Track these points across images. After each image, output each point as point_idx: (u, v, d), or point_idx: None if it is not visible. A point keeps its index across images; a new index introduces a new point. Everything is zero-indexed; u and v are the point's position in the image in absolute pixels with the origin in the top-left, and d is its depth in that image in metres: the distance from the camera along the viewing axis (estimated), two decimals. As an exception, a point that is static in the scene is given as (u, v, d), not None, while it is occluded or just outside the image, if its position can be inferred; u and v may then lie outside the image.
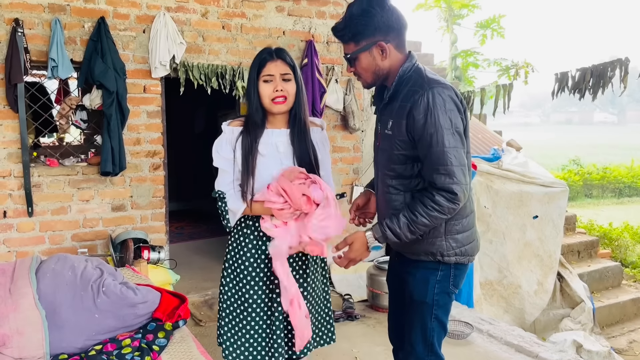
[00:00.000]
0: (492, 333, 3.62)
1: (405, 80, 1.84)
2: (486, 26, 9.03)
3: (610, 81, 2.76)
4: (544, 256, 4.99)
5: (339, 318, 3.83)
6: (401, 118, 1.80)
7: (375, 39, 1.81)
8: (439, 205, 1.74)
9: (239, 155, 2.03)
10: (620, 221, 8.82)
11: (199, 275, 4.65)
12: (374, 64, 1.85)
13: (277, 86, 1.99)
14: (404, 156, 1.84)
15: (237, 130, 2.06)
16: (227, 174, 2.06)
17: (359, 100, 4.73)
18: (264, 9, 4.30)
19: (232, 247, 2.15)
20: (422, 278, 1.91)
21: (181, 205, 7.54)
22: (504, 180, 4.82)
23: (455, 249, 1.88)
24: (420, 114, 1.73)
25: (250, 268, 2.09)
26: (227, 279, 2.15)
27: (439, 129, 1.72)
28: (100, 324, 2.14)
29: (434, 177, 1.75)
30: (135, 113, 3.90)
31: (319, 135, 2.18)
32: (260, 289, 2.10)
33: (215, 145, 2.08)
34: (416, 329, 1.95)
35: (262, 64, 1.99)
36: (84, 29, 3.70)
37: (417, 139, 1.77)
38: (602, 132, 44.36)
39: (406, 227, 1.78)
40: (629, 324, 5.50)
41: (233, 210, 2.05)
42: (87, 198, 3.82)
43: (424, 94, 1.74)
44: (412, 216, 1.77)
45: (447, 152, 1.72)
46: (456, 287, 1.94)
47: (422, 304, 1.92)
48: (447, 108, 1.74)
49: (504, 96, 3.37)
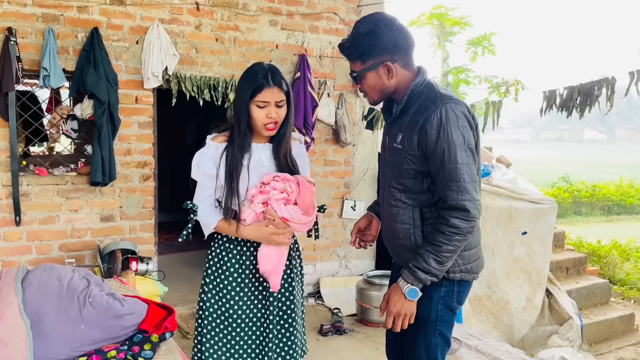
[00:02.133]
0: (480, 349, 3.62)
1: (417, 95, 1.84)
2: (477, 43, 9.14)
3: (597, 100, 2.81)
4: (532, 272, 5.01)
5: (327, 332, 3.82)
6: (413, 132, 1.80)
7: (382, 59, 1.81)
8: (456, 228, 1.73)
9: (222, 171, 2.01)
10: (608, 238, 8.89)
11: (187, 288, 4.61)
12: (380, 82, 1.86)
13: (270, 113, 1.96)
14: (414, 171, 1.83)
15: (222, 146, 2.03)
16: (205, 189, 2.04)
17: (351, 115, 4.76)
18: (258, 22, 4.34)
19: (213, 262, 2.09)
20: (426, 294, 1.88)
21: (171, 217, 7.49)
22: (493, 196, 4.85)
23: (461, 266, 1.88)
24: (433, 129, 1.73)
25: (235, 283, 2.05)
26: (208, 295, 2.08)
27: (452, 145, 1.72)
28: (85, 335, 2.12)
29: (447, 194, 1.74)
30: (126, 123, 3.90)
31: (297, 149, 2.18)
32: (248, 305, 2.07)
33: (196, 157, 2.04)
34: (420, 345, 1.94)
35: (257, 89, 1.93)
36: (77, 38, 3.71)
37: (429, 154, 1.77)
38: (592, 150, 44.84)
39: (433, 261, 1.76)
40: (617, 341, 5.52)
41: (205, 224, 2.03)
42: (76, 208, 3.80)
43: (436, 109, 1.74)
44: (436, 247, 1.76)
45: (460, 169, 1.72)
46: (460, 303, 1.94)
47: (426, 320, 1.91)
48: (460, 124, 1.74)
49: (494, 113, 3.41)
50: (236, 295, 2.05)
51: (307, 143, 4.41)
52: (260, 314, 2.09)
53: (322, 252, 4.79)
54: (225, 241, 2.08)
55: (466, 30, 9.38)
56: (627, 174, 17.44)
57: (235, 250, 2.07)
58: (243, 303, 2.06)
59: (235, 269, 2.06)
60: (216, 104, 4.17)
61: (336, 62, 4.71)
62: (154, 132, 4.04)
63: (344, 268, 4.89)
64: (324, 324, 3.93)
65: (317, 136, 4.63)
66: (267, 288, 2.08)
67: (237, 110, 1.99)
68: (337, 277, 4.81)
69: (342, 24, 4.71)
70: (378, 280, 4.02)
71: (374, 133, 4.85)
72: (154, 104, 4.03)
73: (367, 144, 4.93)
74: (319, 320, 4.02)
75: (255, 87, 1.93)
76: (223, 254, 2.08)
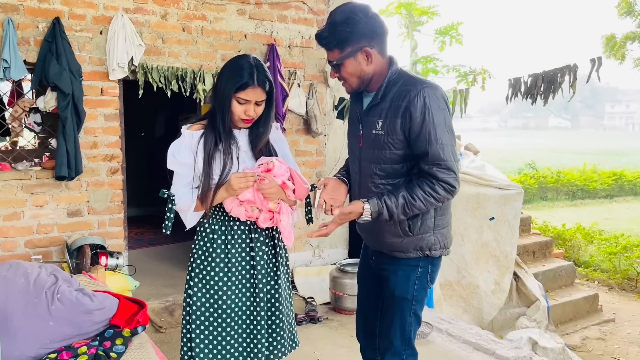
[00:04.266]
0: (451, 332, 3.70)
1: (394, 81, 1.90)
2: (445, 33, 9.23)
3: (560, 87, 2.88)
4: (500, 257, 5.13)
5: (301, 321, 3.84)
6: (396, 117, 1.86)
7: (360, 45, 1.85)
8: (437, 193, 1.83)
9: (200, 159, 2.00)
10: (573, 222, 9.17)
11: (159, 282, 4.57)
12: (359, 69, 1.89)
13: (249, 110, 1.99)
14: (397, 155, 1.89)
15: (198, 134, 2.03)
16: (182, 177, 2.02)
17: (322, 105, 4.77)
18: (225, 11, 4.28)
19: (198, 255, 2.08)
20: (404, 275, 1.98)
21: (141, 211, 7.39)
22: (462, 183, 4.88)
23: (441, 242, 1.97)
24: (417, 112, 1.81)
25: (222, 274, 2.04)
26: (194, 289, 2.07)
27: (437, 127, 1.81)
28: (54, 332, 2.09)
29: (435, 171, 1.83)
30: (92, 116, 3.81)
31: (275, 134, 2.19)
32: (237, 295, 2.07)
33: (172, 148, 2.04)
34: (395, 324, 2.01)
35: (241, 87, 1.94)
36: (38, 29, 3.60)
37: (414, 137, 1.83)
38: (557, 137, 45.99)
39: (402, 207, 1.84)
40: (582, 321, 5.71)
41: (183, 209, 2.02)
42: (42, 203, 3.71)
43: (418, 93, 1.81)
44: (411, 199, 1.83)
45: (445, 148, 1.81)
46: (432, 281, 2.03)
47: (403, 300, 1.98)
48: (441, 107, 1.83)
49: (462, 101, 3.46)
50: (224, 286, 2.05)
51: (277, 133, 4.39)
52: (249, 303, 2.09)
53: (295, 242, 4.80)
54: (210, 232, 2.07)
55: (434, 20, 9.47)
56: (590, 159, 17.98)
57: (220, 240, 2.06)
58: (232, 293, 2.06)
59: (222, 258, 2.06)
60: (184, 95, 4.11)
61: (306, 52, 4.70)
62: (121, 124, 3.97)
63: (317, 258, 4.92)
64: (298, 313, 3.95)
65: (288, 127, 4.62)
66: (254, 276, 2.09)
67: (220, 100, 2.00)
68: (310, 266, 4.83)
69: (311, 13, 4.69)
70: (351, 269, 4.05)
71: (344, 122, 4.86)
72: (120, 96, 3.95)
73: (338, 133, 4.95)
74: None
75: (239, 85, 1.94)
76: (208, 245, 2.07)
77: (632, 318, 5.95)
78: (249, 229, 2.08)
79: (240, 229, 2.07)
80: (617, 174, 15.16)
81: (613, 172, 15.37)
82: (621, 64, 10.03)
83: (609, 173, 15.32)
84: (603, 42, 10.91)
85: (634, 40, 10.53)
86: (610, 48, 10.49)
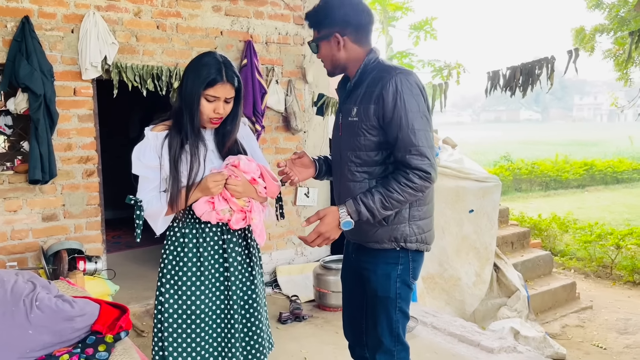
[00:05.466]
0: (436, 325, 3.72)
1: (370, 69, 1.92)
2: (419, 28, 9.31)
3: (538, 79, 2.92)
4: (480, 248, 5.19)
5: (286, 320, 3.81)
6: (369, 103, 1.86)
7: (333, 31, 1.91)
8: (412, 183, 1.80)
9: (166, 161, 1.93)
10: (547, 212, 9.35)
11: (139, 285, 4.48)
12: (331, 53, 1.95)
13: (218, 108, 1.94)
14: (372, 142, 1.88)
15: (162, 135, 1.96)
16: (149, 181, 1.95)
17: (300, 101, 4.74)
18: (200, 8, 4.21)
19: (169, 260, 2.02)
20: (384, 274, 1.95)
21: (117, 214, 7.23)
22: (441, 176, 4.97)
23: (417, 235, 1.94)
24: (390, 97, 1.81)
25: (194, 278, 1.99)
26: (166, 296, 2.00)
27: (409, 112, 1.80)
28: (34, 341, 2.03)
29: (407, 158, 1.80)
30: (65, 117, 3.71)
31: (242, 131, 2.15)
32: (210, 299, 2.02)
33: (136, 151, 1.96)
34: (382, 323, 1.99)
35: (210, 84, 1.89)
36: (7, 28, 3.48)
37: (387, 122, 1.83)
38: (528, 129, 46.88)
39: (380, 202, 1.81)
40: (561, 310, 5.82)
41: (152, 215, 1.94)
42: (15, 208, 3.59)
43: (391, 78, 1.82)
44: (387, 192, 1.81)
45: (418, 133, 1.80)
46: (415, 278, 2.01)
47: (386, 299, 1.96)
48: (414, 93, 1.82)
49: (441, 95, 3.48)
50: (197, 290, 1.99)
51: (257, 131, 4.34)
52: (223, 306, 2.04)
53: (278, 240, 4.77)
54: (180, 236, 2.01)
55: (408, 15, 9.54)
56: (561, 150, 18.38)
57: (192, 244, 2.00)
58: (205, 297, 2.00)
59: (194, 262, 2.00)
60: (160, 94, 4.03)
61: (283, 48, 4.66)
62: (96, 125, 3.87)
63: (299, 255, 4.90)
64: (282, 312, 3.92)
65: (267, 124, 4.58)
66: (228, 278, 2.04)
67: (187, 99, 1.92)
68: (293, 264, 4.80)
69: (287, 9, 4.65)
70: (335, 265, 4.04)
71: (324, 119, 4.85)
72: (94, 96, 3.85)
73: (317, 130, 4.93)
74: (277, 309, 4.01)
75: (208, 81, 1.89)
76: (179, 250, 2.00)
77: (608, 305, 6.09)
78: (221, 230, 2.03)
79: (212, 231, 2.02)
80: (588, 164, 15.53)
81: (584, 162, 15.74)
82: (590, 55, 10.23)
83: (580, 163, 15.69)
84: (573, 34, 11.13)
85: (602, 32, 10.76)
86: (579, 40, 10.71)
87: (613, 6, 10.73)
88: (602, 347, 4.96)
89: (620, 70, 10.81)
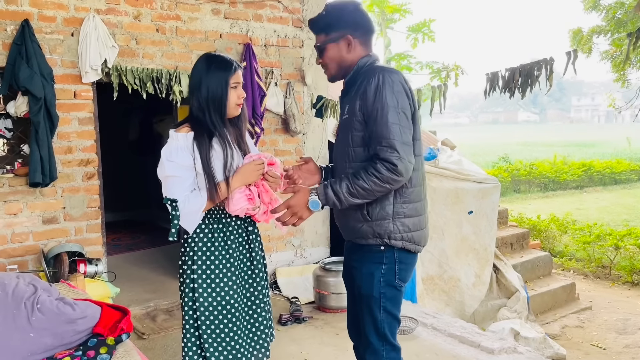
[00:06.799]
0: (436, 326, 3.73)
1: (363, 72, 1.98)
2: (417, 30, 9.34)
3: (537, 80, 2.93)
4: (480, 249, 5.20)
5: (287, 321, 3.82)
6: (355, 99, 1.94)
7: (345, 32, 1.98)
8: (378, 172, 1.84)
9: (198, 159, 2.00)
10: (546, 213, 9.36)
11: (140, 287, 4.49)
12: (339, 55, 2.01)
13: (241, 93, 2.10)
14: (360, 138, 1.94)
15: (191, 135, 2.03)
16: (182, 180, 1.99)
17: (299, 103, 4.75)
18: (200, 11, 4.22)
19: (198, 256, 2.06)
20: (368, 272, 1.99)
21: (117, 216, 7.24)
22: (440, 178, 4.99)
23: (402, 233, 1.96)
24: (371, 92, 1.88)
25: (225, 269, 2.08)
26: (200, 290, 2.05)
27: (385, 106, 1.85)
28: (36, 344, 2.03)
29: (377, 150, 1.86)
30: (65, 120, 3.71)
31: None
32: (240, 290, 2.13)
33: (167, 154, 2.01)
34: (368, 321, 2.03)
35: (233, 72, 2.06)
36: (7, 32, 3.48)
37: (367, 115, 1.89)
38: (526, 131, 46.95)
39: (346, 187, 1.87)
40: (561, 310, 5.84)
41: (193, 212, 1.99)
42: (15, 211, 3.59)
43: (375, 75, 1.90)
44: (354, 178, 1.87)
45: (390, 127, 1.84)
46: (402, 280, 2.02)
47: (370, 297, 2.00)
48: (395, 89, 1.87)
49: (440, 97, 3.49)
50: (229, 281, 2.09)
51: (257, 133, 4.35)
52: (249, 294, 2.18)
53: (277, 242, 4.78)
54: (208, 232, 2.07)
55: (406, 18, 9.58)
56: (560, 151, 18.44)
57: (220, 238, 2.09)
58: (237, 287, 2.11)
59: (223, 255, 2.08)
60: (160, 97, 4.04)
61: (282, 51, 4.67)
62: (96, 128, 3.88)
63: (299, 257, 4.90)
64: (282, 313, 3.93)
65: (267, 126, 4.59)
66: (252, 268, 2.18)
67: (213, 94, 2.04)
68: (293, 266, 4.81)
69: (286, 12, 4.67)
70: (334, 267, 4.05)
71: (323, 121, 4.86)
72: (94, 99, 3.86)
73: (316, 132, 4.94)
74: (277, 311, 4.01)
75: (232, 71, 2.05)
76: (209, 245, 2.08)
77: (607, 305, 6.11)
78: (245, 222, 2.16)
79: (237, 224, 2.13)
80: (586, 165, 15.57)
81: (582, 163, 15.78)
82: (588, 57, 10.29)
83: (578, 164, 15.73)
84: (570, 36, 11.17)
85: (599, 33, 10.80)
86: (577, 42, 10.74)
87: (610, 8, 10.77)
88: (601, 347, 4.97)
89: (617, 72, 10.85)
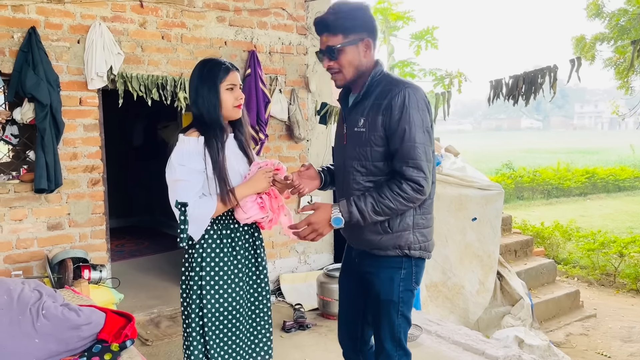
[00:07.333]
0: (440, 333, 3.72)
1: (377, 82, 1.95)
2: (420, 37, 9.37)
3: (541, 87, 2.94)
4: (483, 256, 5.19)
5: (290, 328, 3.81)
6: (377, 114, 1.90)
7: (363, 36, 1.92)
8: (404, 193, 1.84)
9: (209, 164, 2.02)
10: (550, 220, 9.33)
11: (143, 294, 4.49)
12: (357, 58, 1.94)
13: (238, 94, 2.10)
14: (380, 153, 1.92)
15: (202, 139, 2.04)
16: (193, 185, 2.00)
17: (304, 110, 4.76)
18: (205, 19, 4.25)
19: (206, 262, 2.06)
20: (387, 277, 1.98)
21: (121, 222, 7.26)
22: (444, 184, 4.99)
23: (421, 243, 1.98)
24: (396, 110, 1.85)
25: (232, 275, 2.10)
26: (207, 297, 2.06)
27: (412, 125, 1.84)
28: (41, 349, 2.04)
29: (403, 169, 1.86)
30: (71, 126, 3.74)
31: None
32: (245, 296, 2.16)
33: (179, 157, 2.00)
34: (384, 327, 2.01)
35: (226, 73, 2.05)
36: (14, 39, 3.51)
37: (391, 133, 1.87)
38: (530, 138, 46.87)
39: (371, 205, 1.86)
40: (565, 318, 5.80)
41: (203, 217, 1.99)
42: (20, 217, 3.61)
43: (400, 91, 1.87)
44: (379, 197, 1.86)
45: (418, 147, 1.85)
46: (417, 283, 2.03)
47: (389, 302, 1.98)
48: (420, 107, 1.87)
49: (444, 103, 3.51)
50: (236, 287, 2.11)
51: (261, 140, 4.37)
52: (253, 299, 2.20)
53: (281, 249, 4.78)
54: (216, 238, 2.08)
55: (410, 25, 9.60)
56: (563, 158, 18.38)
57: (228, 244, 2.10)
58: (244, 293, 2.14)
59: (231, 261, 2.10)
60: (165, 104, 4.06)
61: (286, 58, 4.69)
62: (101, 134, 3.90)
63: (303, 263, 4.90)
64: (286, 320, 3.92)
65: (271, 133, 4.61)
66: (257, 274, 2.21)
67: (207, 98, 2.04)
68: (296, 273, 4.81)
69: (291, 19, 4.69)
70: (338, 273, 4.04)
71: (327, 128, 4.87)
72: (100, 106, 3.88)
73: (320, 138, 4.95)
74: (281, 317, 4.01)
75: (222, 73, 2.05)
76: (217, 251, 2.08)
77: (612, 313, 6.07)
78: (252, 229, 2.19)
79: (244, 230, 2.16)
80: (590, 172, 15.53)
81: (586, 170, 15.73)
82: (591, 64, 10.30)
83: (582, 171, 15.68)
84: (573, 43, 11.18)
85: (602, 41, 10.81)
86: (580, 49, 10.75)
87: (613, 15, 10.79)
88: (606, 355, 4.94)
89: (621, 79, 10.85)
